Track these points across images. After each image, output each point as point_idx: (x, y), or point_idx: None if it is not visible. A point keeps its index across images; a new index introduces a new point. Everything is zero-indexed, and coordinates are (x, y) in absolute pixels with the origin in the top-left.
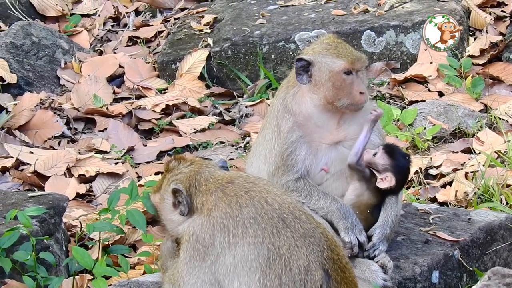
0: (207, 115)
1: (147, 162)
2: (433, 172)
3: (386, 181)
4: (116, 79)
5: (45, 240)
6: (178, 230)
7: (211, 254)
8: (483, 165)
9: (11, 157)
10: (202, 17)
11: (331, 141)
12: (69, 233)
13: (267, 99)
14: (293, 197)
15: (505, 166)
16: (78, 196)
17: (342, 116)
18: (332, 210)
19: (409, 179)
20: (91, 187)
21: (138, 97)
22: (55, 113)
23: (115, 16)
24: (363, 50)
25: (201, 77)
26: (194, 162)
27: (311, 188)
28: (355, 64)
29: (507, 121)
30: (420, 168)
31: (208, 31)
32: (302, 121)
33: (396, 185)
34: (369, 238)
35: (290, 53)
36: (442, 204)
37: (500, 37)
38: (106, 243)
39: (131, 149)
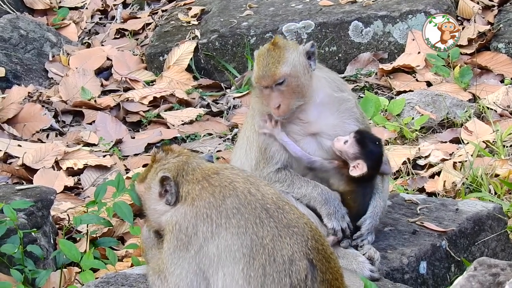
0: (195, 107)
1: (135, 155)
2: (421, 162)
3: (358, 168)
4: (104, 71)
5: (32, 233)
6: (161, 221)
7: (194, 244)
8: (472, 155)
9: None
10: (190, 9)
11: (306, 133)
12: (57, 226)
13: None
14: (277, 188)
15: (494, 156)
16: (66, 189)
17: (305, 111)
18: (313, 196)
19: (398, 169)
20: (79, 179)
21: (126, 90)
22: (43, 106)
23: (102, 8)
24: (351, 40)
25: (188, 69)
26: (182, 153)
27: (293, 177)
28: (260, 81)
29: (495, 111)
30: (408, 159)
31: (196, 23)
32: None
33: (369, 171)
34: (358, 228)
35: None
36: (430, 194)
37: (488, 27)
38: (94, 235)
39: (119, 142)
